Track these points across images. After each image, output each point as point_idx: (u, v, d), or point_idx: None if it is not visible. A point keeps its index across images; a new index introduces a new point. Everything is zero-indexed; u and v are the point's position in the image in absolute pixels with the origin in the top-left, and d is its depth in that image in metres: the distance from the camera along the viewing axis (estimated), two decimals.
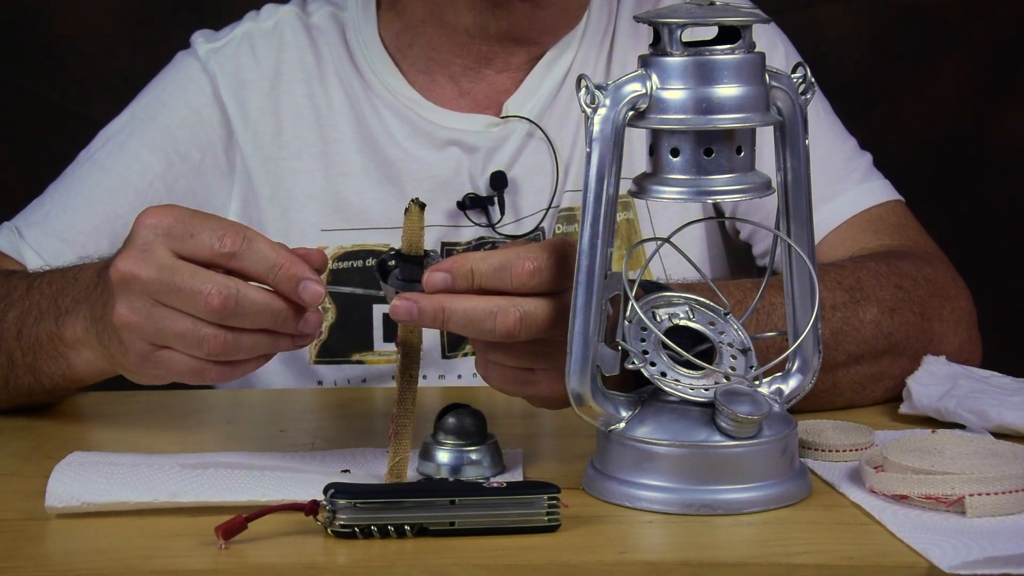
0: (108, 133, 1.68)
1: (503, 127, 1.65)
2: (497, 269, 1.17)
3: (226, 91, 1.67)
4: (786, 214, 1.20)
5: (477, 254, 1.17)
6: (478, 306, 1.16)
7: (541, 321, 1.16)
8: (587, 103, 1.13)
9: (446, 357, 1.63)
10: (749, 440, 1.14)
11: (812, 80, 1.18)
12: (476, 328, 1.16)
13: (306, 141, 1.67)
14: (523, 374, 1.21)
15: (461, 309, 1.16)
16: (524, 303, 1.16)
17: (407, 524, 1.08)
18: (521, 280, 1.16)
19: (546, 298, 1.17)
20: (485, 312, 1.16)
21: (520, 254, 1.17)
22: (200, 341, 1.17)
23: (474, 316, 1.16)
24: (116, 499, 1.13)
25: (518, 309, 1.16)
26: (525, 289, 1.17)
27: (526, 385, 1.22)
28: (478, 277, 1.17)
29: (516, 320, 1.16)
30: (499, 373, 1.22)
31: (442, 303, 1.16)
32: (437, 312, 1.16)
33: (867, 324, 1.40)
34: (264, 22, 1.72)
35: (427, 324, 1.16)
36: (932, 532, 1.08)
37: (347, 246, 1.65)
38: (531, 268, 1.16)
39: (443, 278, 1.16)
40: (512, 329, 1.16)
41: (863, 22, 2.55)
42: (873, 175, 1.65)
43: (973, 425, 1.31)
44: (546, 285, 1.17)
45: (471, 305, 1.16)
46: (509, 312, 1.16)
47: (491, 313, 1.16)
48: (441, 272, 1.16)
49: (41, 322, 1.35)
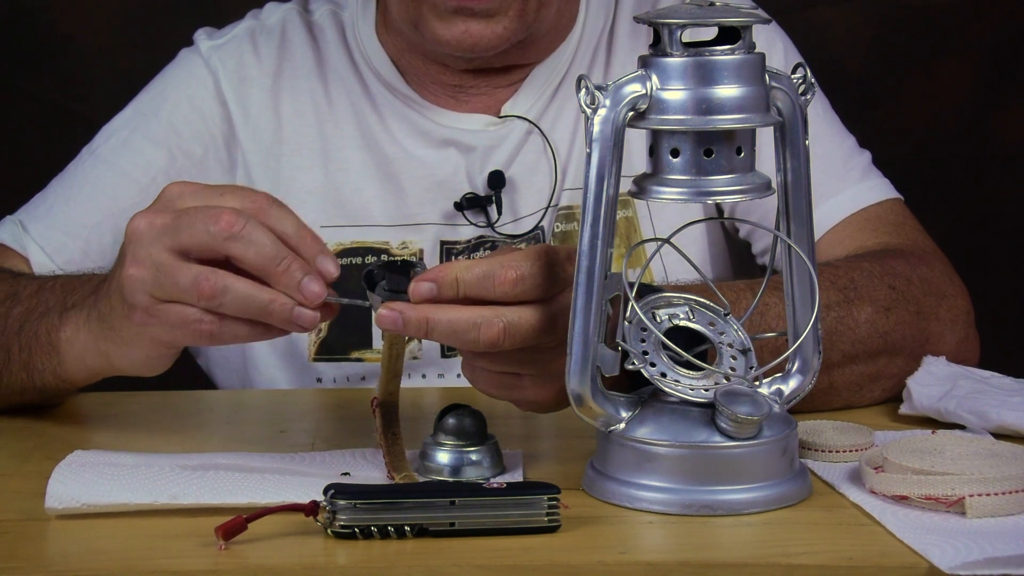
0: (111, 128, 1.69)
1: (501, 127, 1.65)
2: (481, 278, 1.17)
3: (228, 87, 1.67)
4: (786, 214, 1.20)
5: (462, 263, 1.18)
6: (462, 316, 1.17)
7: (525, 330, 1.17)
8: (587, 103, 1.13)
9: (445, 356, 1.63)
10: (749, 441, 1.14)
11: (812, 80, 1.18)
12: (460, 339, 1.17)
13: (306, 138, 1.67)
14: (509, 379, 1.22)
15: (445, 320, 1.17)
16: (508, 313, 1.17)
17: (407, 525, 1.08)
18: (504, 289, 1.17)
19: (531, 306, 1.17)
20: (469, 323, 1.16)
21: (504, 263, 1.17)
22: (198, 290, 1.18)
23: (458, 327, 1.17)
24: (116, 500, 1.13)
25: (501, 320, 1.16)
26: (509, 298, 1.17)
27: (512, 390, 1.23)
28: (463, 287, 1.17)
29: (500, 331, 1.16)
30: (485, 378, 1.23)
31: (426, 314, 1.17)
32: (421, 322, 1.17)
33: (862, 324, 1.40)
34: (266, 20, 1.72)
35: (412, 333, 1.18)
36: (932, 533, 1.08)
37: (346, 243, 1.65)
38: (514, 277, 1.17)
39: (429, 288, 1.17)
40: (496, 339, 1.16)
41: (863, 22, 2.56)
42: (872, 173, 1.65)
43: (973, 426, 1.31)
44: (530, 293, 1.17)
45: (455, 316, 1.17)
46: (493, 323, 1.16)
47: (475, 324, 1.16)
48: (426, 282, 1.17)
49: (45, 318, 1.35)
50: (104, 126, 1.69)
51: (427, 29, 1.57)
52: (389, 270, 1.20)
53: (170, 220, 1.20)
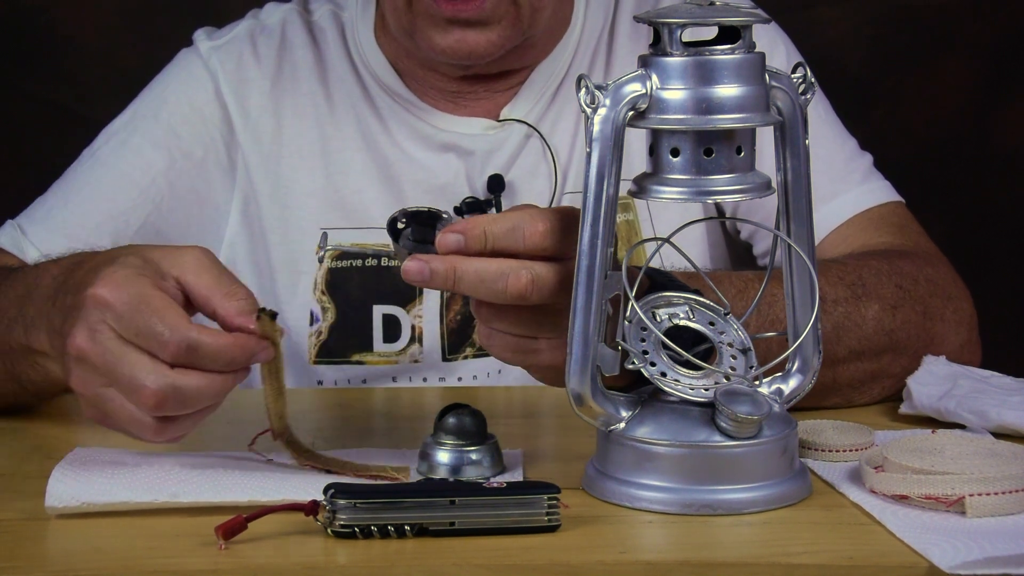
0: (111, 131, 1.68)
1: (500, 130, 1.65)
2: (509, 231, 1.17)
3: (227, 88, 1.67)
4: (786, 214, 1.20)
5: (487, 216, 1.18)
6: (490, 267, 1.16)
7: (551, 284, 1.16)
8: (587, 103, 1.13)
9: (446, 360, 1.63)
10: (749, 440, 1.14)
11: (812, 80, 1.18)
12: (488, 289, 1.16)
13: (306, 139, 1.67)
14: (526, 342, 1.21)
15: (472, 270, 1.16)
16: (535, 266, 1.16)
17: (407, 524, 1.08)
18: (534, 241, 1.17)
19: (554, 263, 1.17)
20: (497, 273, 1.16)
21: (533, 215, 1.17)
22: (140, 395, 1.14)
23: (486, 276, 1.16)
24: (116, 499, 1.13)
25: (529, 271, 1.16)
26: (537, 250, 1.17)
27: (528, 354, 1.22)
28: (491, 239, 1.17)
29: (528, 281, 1.16)
30: (501, 341, 1.21)
31: (454, 264, 1.16)
32: (449, 273, 1.16)
33: (869, 320, 1.40)
34: (266, 20, 1.72)
35: (438, 285, 1.16)
36: (932, 532, 1.08)
37: (346, 244, 1.64)
38: (543, 229, 1.17)
39: (456, 239, 1.16)
40: (524, 290, 1.16)
41: (863, 22, 2.56)
42: (874, 176, 1.65)
43: (973, 425, 1.31)
44: (556, 248, 1.17)
45: (482, 266, 1.16)
46: (521, 274, 1.16)
47: (503, 274, 1.16)
48: (454, 233, 1.17)
49: (12, 331, 1.32)
50: (104, 128, 1.69)
51: (422, 38, 1.57)
52: (415, 220, 1.19)
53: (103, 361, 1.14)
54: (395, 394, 1.55)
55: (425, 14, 1.55)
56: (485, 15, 1.54)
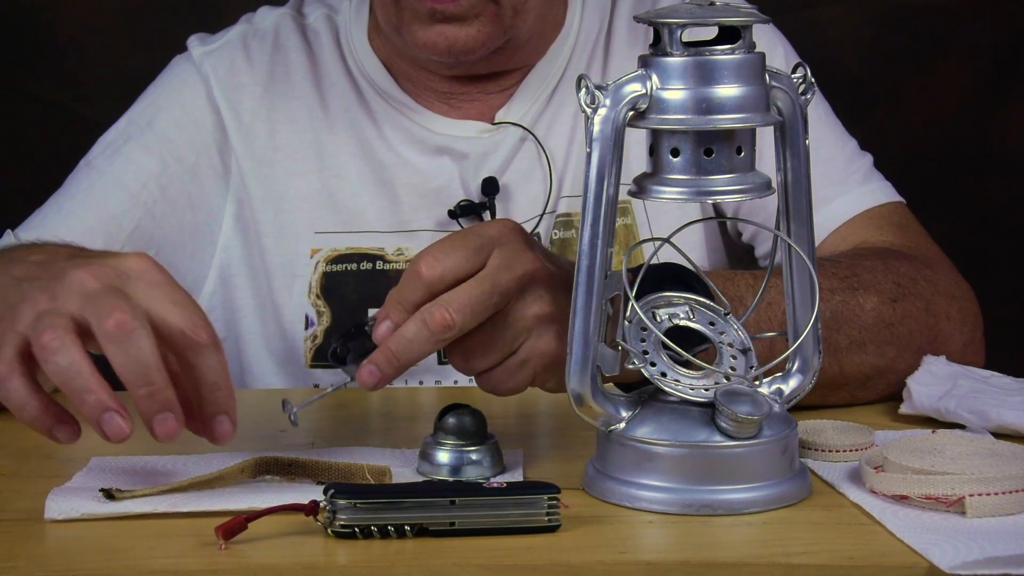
0: (106, 140, 1.69)
1: (495, 133, 1.65)
2: (408, 283, 1.20)
3: (220, 93, 1.67)
4: (786, 214, 1.20)
5: (393, 290, 1.21)
6: (407, 327, 1.19)
7: (469, 301, 1.18)
8: (587, 103, 1.13)
9: (442, 363, 1.62)
10: (749, 440, 1.14)
11: (812, 80, 1.18)
12: (421, 344, 1.19)
13: (300, 142, 1.67)
14: (515, 365, 1.22)
15: (401, 340, 1.19)
16: (442, 297, 1.19)
17: (407, 524, 1.08)
18: (430, 278, 1.19)
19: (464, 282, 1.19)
20: (416, 327, 1.19)
21: (416, 259, 1.20)
22: None
23: (410, 336, 1.19)
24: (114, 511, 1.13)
25: (438, 305, 1.18)
26: (440, 283, 1.19)
27: (523, 367, 1.22)
28: (404, 302, 1.20)
29: (443, 311, 1.18)
30: (497, 377, 1.23)
31: (388, 347, 1.19)
32: (390, 358, 1.19)
33: (868, 311, 1.40)
34: (259, 24, 1.72)
35: (393, 370, 1.19)
36: (932, 532, 1.08)
37: (341, 248, 1.65)
38: (428, 264, 1.19)
39: (386, 326, 1.20)
40: (445, 321, 1.18)
41: (863, 22, 2.56)
42: (874, 176, 1.65)
43: (973, 425, 1.31)
44: (452, 270, 1.19)
45: (402, 331, 1.19)
46: (432, 311, 1.18)
47: (420, 323, 1.18)
48: (383, 323, 1.20)
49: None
50: (100, 137, 1.69)
51: (408, 33, 1.57)
52: (350, 339, 1.23)
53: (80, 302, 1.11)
54: (393, 394, 1.55)
55: (410, 9, 1.56)
56: (462, 11, 1.54)
